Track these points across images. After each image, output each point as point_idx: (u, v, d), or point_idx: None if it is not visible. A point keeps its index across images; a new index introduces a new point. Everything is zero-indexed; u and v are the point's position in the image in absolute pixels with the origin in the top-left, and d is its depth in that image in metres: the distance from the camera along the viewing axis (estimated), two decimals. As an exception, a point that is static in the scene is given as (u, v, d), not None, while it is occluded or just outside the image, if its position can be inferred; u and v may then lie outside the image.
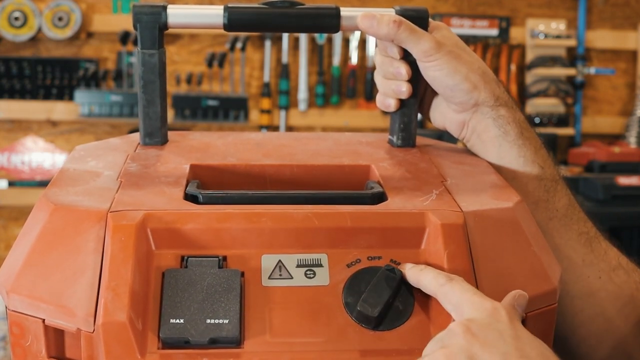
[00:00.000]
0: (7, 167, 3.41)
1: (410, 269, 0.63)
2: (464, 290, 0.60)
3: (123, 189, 0.69)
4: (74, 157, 0.79)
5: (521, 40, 3.49)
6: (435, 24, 0.81)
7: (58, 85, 3.36)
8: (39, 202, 0.67)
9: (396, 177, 0.74)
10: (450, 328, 0.58)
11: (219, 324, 0.59)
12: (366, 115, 3.47)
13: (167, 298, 0.60)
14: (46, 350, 0.62)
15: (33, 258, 0.63)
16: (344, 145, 0.84)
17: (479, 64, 0.80)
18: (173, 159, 0.77)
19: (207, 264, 0.62)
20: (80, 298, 0.60)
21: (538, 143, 0.82)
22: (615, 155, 3.12)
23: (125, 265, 0.60)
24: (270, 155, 0.79)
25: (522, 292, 0.62)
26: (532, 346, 0.57)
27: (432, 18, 0.81)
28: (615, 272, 0.83)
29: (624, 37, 3.55)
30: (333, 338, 0.61)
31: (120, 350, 0.58)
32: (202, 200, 0.68)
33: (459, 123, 0.83)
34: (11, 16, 3.28)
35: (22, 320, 0.62)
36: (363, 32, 0.78)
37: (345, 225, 0.64)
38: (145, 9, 0.77)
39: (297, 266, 0.63)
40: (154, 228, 0.63)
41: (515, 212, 0.69)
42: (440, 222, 0.64)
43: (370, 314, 0.61)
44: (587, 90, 3.58)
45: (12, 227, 3.46)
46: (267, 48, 3.41)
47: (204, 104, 3.27)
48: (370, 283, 0.62)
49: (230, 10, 0.77)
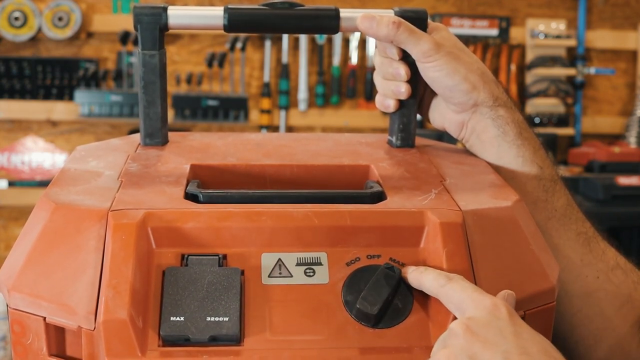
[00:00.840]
0: (7, 167, 3.41)
1: (411, 272, 0.63)
2: (463, 288, 0.60)
3: (124, 189, 0.69)
4: (74, 157, 0.79)
5: (521, 40, 3.50)
6: (434, 25, 0.81)
7: (58, 85, 3.36)
8: (40, 202, 0.68)
9: (395, 176, 0.75)
10: (451, 327, 0.59)
11: (219, 321, 0.60)
12: (366, 115, 3.47)
13: (167, 296, 0.61)
14: (47, 348, 0.62)
15: (34, 257, 0.64)
16: (344, 146, 0.84)
17: (478, 64, 0.81)
18: (173, 159, 0.77)
19: (208, 263, 0.63)
20: (81, 296, 0.60)
21: (537, 143, 0.83)
22: (615, 155, 3.12)
23: (126, 263, 0.60)
24: (270, 156, 0.79)
25: (511, 292, 0.62)
26: (534, 342, 0.58)
27: (432, 18, 0.82)
28: (614, 272, 0.83)
29: (624, 37, 3.55)
30: (332, 336, 0.61)
31: (121, 347, 0.58)
32: (202, 199, 0.68)
33: (458, 123, 0.83)
34: (11, 16, 3.28)
35: (23, 319, 0.63)
36: (362, 33, 0.79)
37: (345, 224, 0.65)
38: (145, 10, 0.78)
39: (297, 264, 0.64)
40: (155, 227, 0.63)
41: (514, 211, 0.70)
42: (439, 220, 0.65)
43: (369, 311, 0.61)
44: (587, 90, 3.58)
45: (12, 227, 3.46)
46: (267, 48, 3.42)
47: (204, 104, 3.27)
48: (369, 281, 0.62)
49: (230, 12, 0.77)
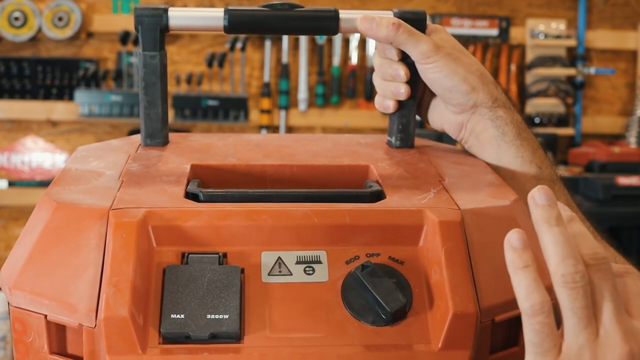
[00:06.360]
0: (7, 167, 3.41)
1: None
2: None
3: (124, 188, 0.69)
4: (75, 157, 0.80)
5: (521, 40, 3.50)
6: (434, 26, 0.81)
7: (58, 85, 3.36)
8: (41, 201, 0.68)
9: (395, 176, 0.75)
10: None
11: (219, 319, 0.60)
12: (366, 116, 3.48)
13: (168, 294, 0.61)
14: (48, 346, 0.63)
15: (35, 255, 0.64)
16: (343, 146, 0.85)
17: (477, 65, 0.81)
18: (174, 159, 0.78)
19: (208, 261, 0.63)
20: (82, 294, 0.61)
21: (536, 144, 0.83)
22: (615, 155, 3.13)
23: (127, 261, 0.61)
24: (270, 156, 0.80)
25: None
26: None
27: (432, 18, 0.82)
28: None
29: (624, 37, 3.55)
30: (332, 333, 0.61)
31: (122, 345, 0.59)
32: (202, 198, 0.68)
33: (457, 124, 0.83)
34: (11, 16, 3.28)
35: (24, 317, 0.63)
36: (362, 34, 0.79)
37: (344, 223, 0.65)
38: (146, 11, 0.78)
39: (297, 263, 0.64)
40: (155, 225, 0.64)
41: (513, 210, 0.70)
42: (438, 219, 0.65)
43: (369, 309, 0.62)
44: (587, 90, 3.59)
45: (12, 227, 3.46)
46: (267, 48, 3.42)
47: (204, 104, 3.27)
48: (369, 279, 0.63)
49: (230, 13, 0.78)
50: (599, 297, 0.56)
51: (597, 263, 0.57)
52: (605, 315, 0.56)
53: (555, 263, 0.56)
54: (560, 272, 0.55)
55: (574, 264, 0.55)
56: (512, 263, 0.57)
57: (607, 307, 0.56)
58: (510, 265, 0.57)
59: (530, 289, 0.56)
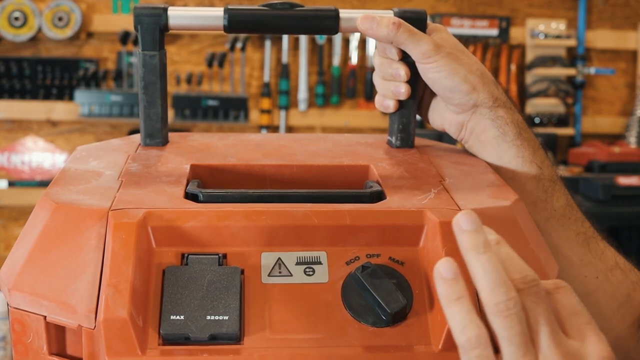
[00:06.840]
0: (7, 167, 3.41)
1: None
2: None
3: (124, 188, 0.69)
4: (75, 157, 0.80)
5: (521, 40, 3.50)
6: (434, 26, 0.81)
7: (58, 85, 3.37)
8: (40, 201, 0.68)
9: (395, 176, 0.75)
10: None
11: (219, 320, 0.60)
12: (366, 115, 3.48)
13: (167, 295, 0.61)
14: (47, 347, 0.63)
15: (35, 256, 0.64)
16: (343, 146, 0.85)
17: (478, 65, 0.81)
18: (174, 159, 0.78)
19: (207, 262, 0.63)
20: (82, 295, 0.60)
21: (536, 144, 0.83)
22: (615, 155, 3.13)
23: (126, 262, 0.60)
24: (270, 156, 0.80)
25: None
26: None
27: (432, 18, 0.82)
28: (612, 272, 0.83)
29: (624, 37, 3.55)
30: (332, 334, 0.61)
31: (121, 346, 0.58)
32: (202, 198, 0.68)
33: (457, 124, 0.83)
34: (11, 16, 3.28)
35: (23, 317, 0.63)
36: (362, 33, 0.79)
37: (344, 223, 0.65)
38: (146, 10, 0.78)
39: (297, 264, 0.64)
40: (155, 226, 0.63)
41: (513, 211, 0.70)
42: (439, 219, 0.65)
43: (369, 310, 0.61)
44: (587, 90, 3.59)
45: (12, 227, 3.46)
46: (267, 48, 3.42)
47: (204, 104, 3.27)
48: (369, 280, 0.63)
49: (230, 12, 0.78)
50: (533, 322, 0.54)
51: (528, 287, 0.55)
52: (542, 340, 0.54)
53: (487, 293, 0.54)
54: (492, 301, 0.54)
55: (506, 292, 0.54)
56: (444, 296, 0.55)
57: (544, 331, 0.54)
58: (442, 298, 0.55)
59: (464, 322, 0.54)
